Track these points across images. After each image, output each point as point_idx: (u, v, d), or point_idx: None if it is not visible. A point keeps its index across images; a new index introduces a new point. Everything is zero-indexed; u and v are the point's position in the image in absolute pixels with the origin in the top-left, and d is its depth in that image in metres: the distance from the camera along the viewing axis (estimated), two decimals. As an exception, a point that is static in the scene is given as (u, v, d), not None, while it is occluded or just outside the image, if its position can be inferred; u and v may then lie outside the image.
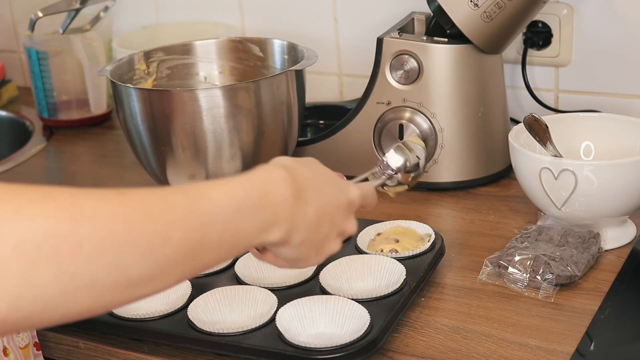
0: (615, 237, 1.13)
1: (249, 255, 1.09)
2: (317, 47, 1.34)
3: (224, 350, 0.95)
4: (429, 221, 1.16)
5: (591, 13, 1.38)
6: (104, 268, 0.62)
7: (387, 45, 1.29)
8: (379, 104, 1.31)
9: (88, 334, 1.03)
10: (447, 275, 1.10)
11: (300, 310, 0.96)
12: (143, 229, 0.64)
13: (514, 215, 1.23)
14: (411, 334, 0.99)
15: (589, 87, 1.41)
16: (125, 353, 1.00)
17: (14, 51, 1.94)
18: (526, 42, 1.41)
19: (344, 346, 0.91)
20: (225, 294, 1.01)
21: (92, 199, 0.63)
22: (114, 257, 0.62)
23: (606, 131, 1.21)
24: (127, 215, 0.64)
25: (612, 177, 1.08)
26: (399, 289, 1.01)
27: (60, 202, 0.61)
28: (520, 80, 1.43)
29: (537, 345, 0.94)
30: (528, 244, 1.08)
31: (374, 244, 1.11)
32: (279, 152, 1.28)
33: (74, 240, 0.60)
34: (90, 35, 1.64)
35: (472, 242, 1.17)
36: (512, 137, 1.17)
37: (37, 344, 1.02)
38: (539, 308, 1.01)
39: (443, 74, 1.27)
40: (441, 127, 1.28)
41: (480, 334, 0.97)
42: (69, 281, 0.60)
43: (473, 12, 1.23)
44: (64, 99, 1.67)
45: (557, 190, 1.10)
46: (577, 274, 1.03)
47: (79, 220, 0.61)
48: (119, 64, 1.33)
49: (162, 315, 1.00)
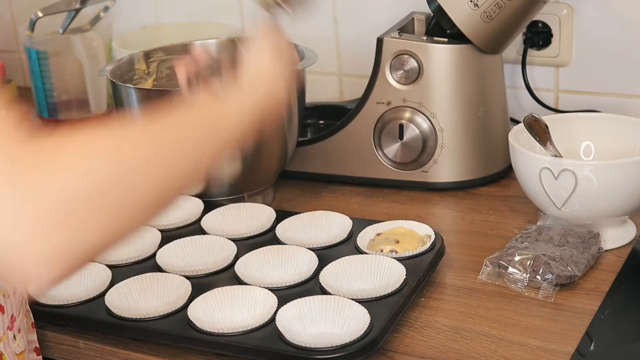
0: (615, 237, 1.13)
1: (249, 255, 1.09)
2: (317, 47, 1.34)
3: (224, 350, 0.95)
4: (429, 221, 1.16)
5: (591, 13, 1.37)
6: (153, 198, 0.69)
7: (387, 45, 1.29)
8: (379, 104, 1.31)
9: (88, 334, 1.03)
10: (447, 275, 1.10)
11: (300, 310, 0.96)
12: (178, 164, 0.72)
13: (514, 215, 1.23)
14: (411, 334, 0.99)
15: (589, 87, 1.41)
16: (125, 353, 1.00)
17: (14, 51, 1.94)
18: (526, 42, 1.41)
19: (344, 346, 0.91)
20: (225, 294, 1.01)
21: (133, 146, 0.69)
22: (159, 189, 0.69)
23: (606, 131, 1.21)
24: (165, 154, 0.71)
25: (612, 177, 1.08)
26: (399, 289, 1.01)
27: (104, 154, 0.66)
28: (520, 80, 1.43)
29: (537, 345, 0.94)
30: (528, 244, 1.08)
31: (374, 244, 1.11)
32: (279, 152, 1.28)
33: (124, 185, 0.66)
34: (90, 35, 1.64)
35: (472, 242, 1.17)
36: (512, 137, 1.17)
37: (38, 349, 1.02)
38: (539, 308, 1.01)
39: (443, 74, 1.27)
40: (441, 127, 1.28)
41: (480, 334, 0.97)
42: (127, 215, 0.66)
43: (473, 12, 1.23)
44: (64, 99, 1.66)
45: (557, 190, 1.10)
46: (577, 274, 1.03)
47: (124, 167, 0.67)
48: (119, 64, 1.33)
49: (162, 315, 1.00)
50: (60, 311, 1.03)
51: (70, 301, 1.04)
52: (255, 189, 1.29)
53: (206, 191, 1.26)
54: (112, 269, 1.09)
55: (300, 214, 1.19)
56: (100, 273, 1.09)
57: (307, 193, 1.35)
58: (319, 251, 1.10)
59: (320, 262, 1.07)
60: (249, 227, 1.18)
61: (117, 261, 1.12)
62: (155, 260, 1.11)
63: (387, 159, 1.32)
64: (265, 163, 1.28)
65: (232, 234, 1.17)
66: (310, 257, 1.08)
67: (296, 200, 1.33)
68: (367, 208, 1.29)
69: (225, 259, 1.11)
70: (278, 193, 1.35)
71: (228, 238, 1.15)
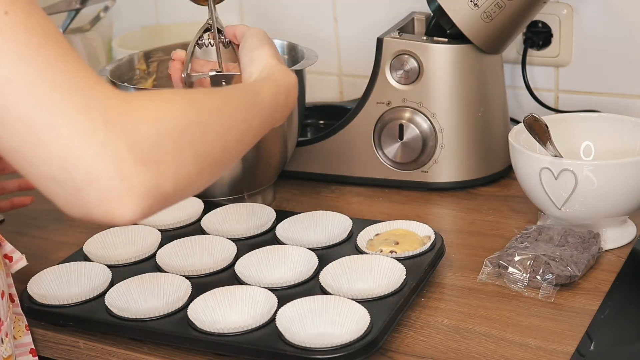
0: (615, 237, 1.13)
1: (249, 255, 1.09)
2: (317, 47, 1.34)
3: (224, 350, 0.95)
4: (429, 221, 1.16)
5: (591, 13, 1.38)
6: (220, 149, 0.77)
7: (387, 45, 1.29)
8: (379, 104, 1.31)
9: (88, 334, 1.03)
10: (447, 275, 1.10)
11: (300, 310, 0.96)
12: (240, 117, 0.82)
13: (514, 215, 1.23)
14: (411, 334, 0.99)
15: (589, 87, 1.41)
16: (125, 353, 1.00)
17: (14, 51, 1.93)
18: (526, 42, 1.41)
19: (344, 346, 0.91)
20: (225, 294, 1.01)
21: (205, 96, 0.80)
22: (225, 141, 0.78)
23: (606, 131, 1.21)
24: (230, 107, 0.82)
25: (612, 177, 1.08)
26: (399, 289, 1.01)
27: (185, 99, 0.75)
28: (520, 80, 1.43)
29: (537, 345, 0.94)
30: (528, 244, 1.08)
31: (373, 243, 1.11)
32: (279, 151, 1.28)
33: (202, 128, 0.74)
34: (90, 35, 1.64)
35: (472, 242, 1.17)
36: (512, 137, 1.17)
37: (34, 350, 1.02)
38: (539, 308, 1.01)
39: (443, 74, 1.27)
40: (441, 127, 1.28)
41: (480, 334, 0.97)
42: (202, 161, 0.74)
43: (473, 12, 1.23)
44: (64, 99, 1.66)
45: (557, 190, 1.10)
46: (577, 274, 1.04)
47: (203, 112, 0.76)
48: (119, 64, 1.33)
49: (162, 315, 1.00)
50: (60, 311, 1.03)
51: (70, 301, 1.04)
52: (255, 189, 1.29)
53: (206, 191, 1.26)
54: (112, 269, 1.09)
55: (300, 214, 1.19)
56: (100, 273, 1.09)
57: (307, 193, 1.35)
58: (319, 251, 1.10)
59: (320, 262, 1.07)
60: (249, 227, 1.18)
61: (117, 261, 1.12)
62: (155, 260, 1.11)
63: (387, 159, 1.32)
64: (265, 163, 1.28)
65: (232, 234, 1.17)
66: (310, 257, 1.08)
67: (296, 200, 1.33)
68: (367, 208, 1.29)
69: (225, 259, 1.11)
70: (278, 193, 1.35)
71: (228, 238, 1.15)
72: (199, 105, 0.76)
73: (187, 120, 0.73)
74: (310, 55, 1.29)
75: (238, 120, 0.82)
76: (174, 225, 1.21)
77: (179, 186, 0.71)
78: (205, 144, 0.74)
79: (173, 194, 0.71)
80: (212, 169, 0.77)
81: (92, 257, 1.13)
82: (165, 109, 0.72)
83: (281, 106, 0.94)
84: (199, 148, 0.73)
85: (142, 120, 0.69)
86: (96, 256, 1.13)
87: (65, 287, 1.07)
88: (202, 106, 0.77)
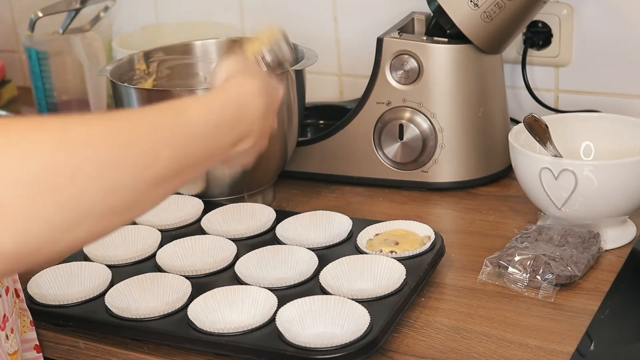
0: (615, 237, 1.13)
1: (249, 255, 1.09)
2: (317, 47, 1.34)
3: (224, 350, 0.95)
4: (429, 221, 1.16)
5: (591, 13, 1.38)
6: (101, 192, 0.62)
7: (387, 45, 1.29)
8: (379, 104, 1.31)
9: (88, 334, 1.03)
10: (447, 275, 1.10)
11: (300, 310, 0.96)
12: (135, 150, 0.65)
13: (514, 215, 1.23)
14: (411, 334, 0.99)
15: (589, 87, 1.41)
16: (125, 353, 1.00)
17: (14, 51, 1.94)
18: (526, 42, 1.41)
19: (344, 346, 0.91)
20: (225, 294, 1.01)
21: (82, 125, 0.63)
22: (110, 180, 0.62)
23: (606, 131, 1.21)
24: (118, 138, 0.64)
25: (612, 177, 1.08)
26: (399, 289, 1.01)
27: (51, 130, 0.61)
28: (520, 80, 1.43)
29: (537, 345, 0.94)
30: (528, 244, 1.08)
31: (373, 243, 1.11)
32: (279, 151, 1.28)
33: (70, 167, 0.60)
34: (90, 35, 1.64)
35: (472, 242, 1.17)
36: (512, 137, 1.17)
37: (38, 347, 1.02)
38: (539, 308, 1.01)
39: (443, 74, 1.27)
40: (441, 127, 1.28)
41: (480, 334, 0.97)
42: (71, 209, 0.60)
43: (473, 12, 1.23)
44: (64, 99, 1.66)
45: (557, 190, 1.10)
46: (577, 274, 1.03)
47: (73, 147, 0.61)
48: (119, 64, 1.33)
49: (162, 315, 1.00)
50: (60, 311, 1.03)
51: (70, 301, 1.04)
52: (255, 189, 1.29)
53: (206, 191, 1.26)
54: (112, 269, 1.09)
55: (300, 214, 1.19)
56: (100, 273, 1.09)
57: (307, 193, 1.35)
58: (319, 251, 1.10)
59: (320, 262, 1.07)
60: (249, 227, 1.18)
61: (117, 261, 1.12)
62: (155, 260, 1.11)
63: (387, 159, 1.32)
64: (265, 163, 1.27)
65: (232, 234, 1.17)
66: (310, 257, 1.08)
67: (296, 200, 1.33)
68: (367, 208, 1.29)
69: (225, 259, 1.11)
70: (278, 193, 1.35)
71: (228, 238, 1.15)
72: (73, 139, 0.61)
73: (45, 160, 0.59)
74: (310, 55, 1.29)
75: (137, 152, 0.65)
76: (174, 225, 1.21)
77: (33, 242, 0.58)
78: (76, 188, 0.60)
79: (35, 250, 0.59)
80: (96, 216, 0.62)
81: (92, 257, 1.13)
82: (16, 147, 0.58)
83: (227, 125, 0.76)
84: (65, 193, 0.59)
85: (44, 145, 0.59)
86: (96, 256, 1.13)
87: (65, 287, 1.07)
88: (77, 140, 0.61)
